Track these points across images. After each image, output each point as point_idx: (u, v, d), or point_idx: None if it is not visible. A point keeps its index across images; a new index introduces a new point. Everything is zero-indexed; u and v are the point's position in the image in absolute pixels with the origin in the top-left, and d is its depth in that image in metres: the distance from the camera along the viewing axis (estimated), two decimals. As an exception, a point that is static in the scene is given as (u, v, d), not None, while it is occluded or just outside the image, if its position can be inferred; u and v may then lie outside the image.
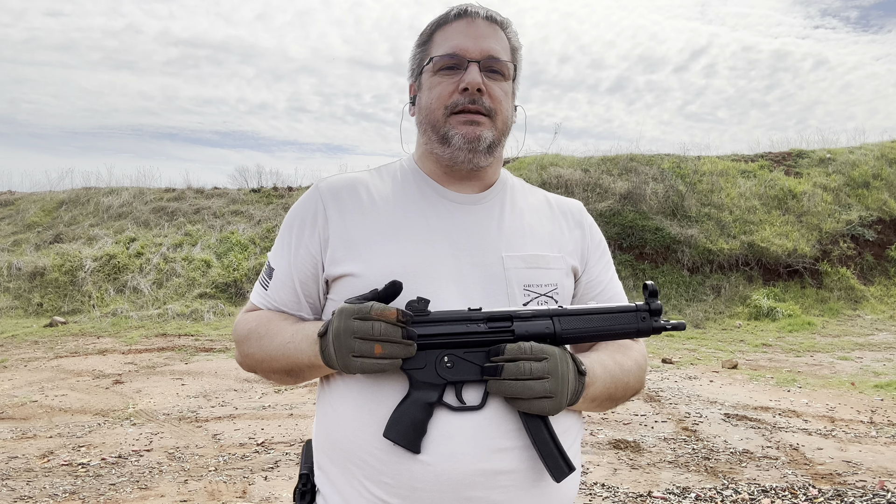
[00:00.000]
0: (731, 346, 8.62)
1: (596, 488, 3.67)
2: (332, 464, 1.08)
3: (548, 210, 1.23)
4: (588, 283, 1.22)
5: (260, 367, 1.16)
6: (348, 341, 0.96)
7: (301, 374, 1.11)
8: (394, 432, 0.99)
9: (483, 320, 1.02)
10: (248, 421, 5.01)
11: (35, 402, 5.51)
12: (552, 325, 1.04)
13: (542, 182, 12.77)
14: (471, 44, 1.11)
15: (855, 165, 13.62)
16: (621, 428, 4.82)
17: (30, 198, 14.96)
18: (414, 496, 0.99)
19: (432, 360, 1.01)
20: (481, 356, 1.02)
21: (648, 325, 1.07)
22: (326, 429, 1.10)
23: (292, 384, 1.18)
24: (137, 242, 12.39)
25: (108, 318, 10.08)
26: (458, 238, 1.11)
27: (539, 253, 1.14)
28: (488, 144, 1.12)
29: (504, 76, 1.14)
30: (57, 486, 3.70)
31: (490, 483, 1.00)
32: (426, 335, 1.00)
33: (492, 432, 1.01)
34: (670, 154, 14.15)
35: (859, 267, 11.83)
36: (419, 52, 1.19)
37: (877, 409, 5.34)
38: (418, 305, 1.01)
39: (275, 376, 1.15)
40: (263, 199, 14.48)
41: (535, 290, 1.11)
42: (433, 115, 1.13)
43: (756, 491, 3.62)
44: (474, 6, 1.15)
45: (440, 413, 1.01)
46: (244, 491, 3.65)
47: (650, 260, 11.70)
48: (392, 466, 1.00)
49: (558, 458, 1.01)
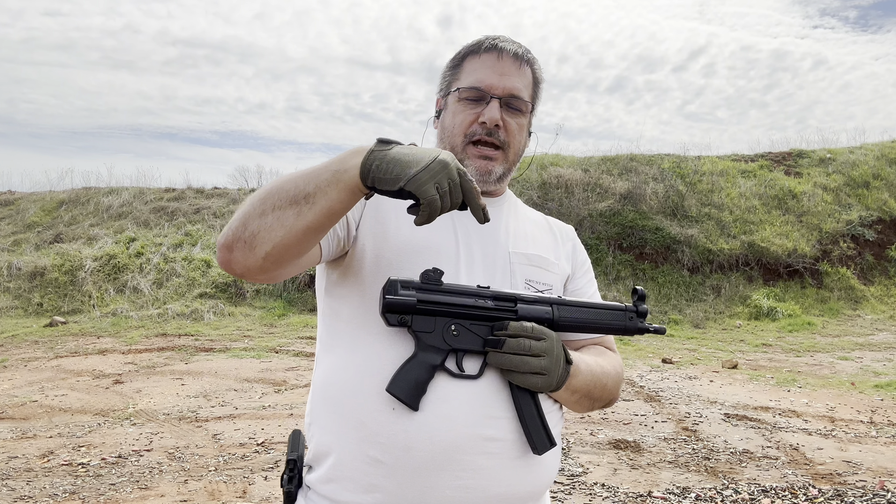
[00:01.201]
0: (731, 346, 8.62)
1: (596, 488, 3.67)
2: (325, 430, 1.11)
3: (546, 226, 1.35)
4: (573, 291, 1.31)
5: (255, 207, 0.98)
6: (443, 178, 0.93)
7: (313, 197, 0.96)
8: (396, 387, 1.04)
9: (490, 297, 1.10)
10: (248, 421, 5.01)
11: (35, 402, 5.51)
12: (552, 311, 1.12)
13: (543, 182, 12.77)
14: (496, 80, 1.20)
15: (855, 165, 13.62)
16: (621, 428, 4.82)
17: (30, 197, 14.96)
18: (407, 455, 1.04)
19: (440, 327, 1.07)
20: (485, 329, 1.09)
21: (635, 325, 1.16)
22: (323, 396, 1.13)
23: (278, 237, 0.97)
24: (137, 242, 12.39)
25: (108, 318, 10.08)
26: (472, 229, 1.20)
27: (542, 255, 1.25)
28: (498, 177, 1.23)
29: (522, 112, 1.24)
30: (57, 485, 3.70)
31: (479, 448, 1.06)
32: (438, 302, 1.07)
33: (485, 400, 1.08)
34: (670, 154, 14.14)
35: (859, 267, 11.82)
36: (449, 74, 1.28)
37: (877, 409, 5.34)
38: (433, 275, 1.07)
39: (270, 217, 0.97)
40: (263, 198, 14.46)
41: (535, 285, 1.20)
42: (453, 139, 1.23)
43: (756, 491, 3.62)
44: (504, 42, 1.24)
45: (440, 377, 1.07)
46: (244, 491, 3.65)
47: (650, 260, 11.70)
48: (388, 427, 1.05)
49: (542, 431, 1.08)
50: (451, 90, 1.25)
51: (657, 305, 10.73)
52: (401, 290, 1.05)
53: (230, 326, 9.67)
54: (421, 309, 1.06)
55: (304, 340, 8.52)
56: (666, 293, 11.07)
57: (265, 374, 6.65)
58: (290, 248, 0.99)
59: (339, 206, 0.98)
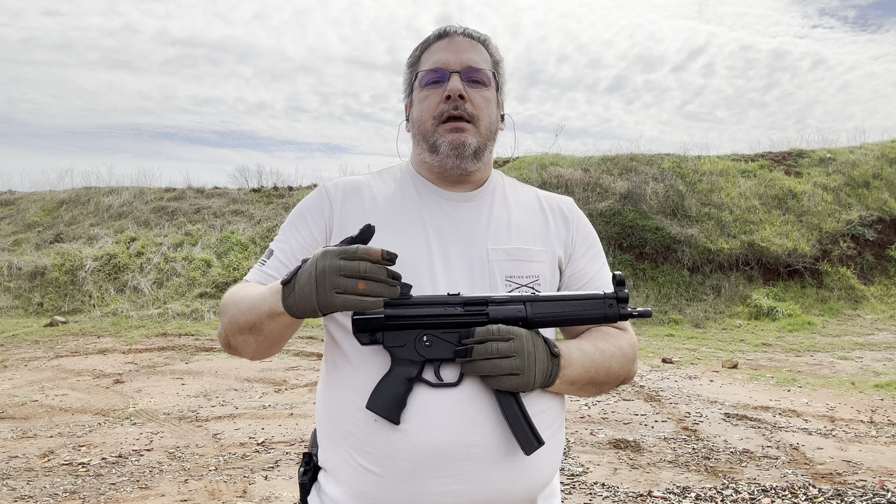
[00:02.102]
0: (731, 345, 8.62)
1: (596, 488, 3.67)
2: (327, 438, 1.18)
3: (536, 206, 1.31)
4: (573, 275, 1.28)
5: (230, 328, 1.15)
6: (333, 278, 0.98)
7: (260, 327, 1.10)
8: (375, 404, 1.07)
9: (460, 304, 1.10)
10: (249, 420, 5.01)
11: (35, 402, 5.51)
12: (524, 309, 1.11)
13: (543, 182, 12.77)
14: (451, 57, 1.22)
15: (855, 165, 13.62)
16: (621, 428, 4.83)
17: (30, 197, 14.96)
18: (392, 464, 1.08)
19: (412, 340, 1.09)
20: (457, 336, 1.10)
21: (615, 312, 1.13)
22: (322, 406, 1.21)
23: (253, 349, 1.15)
24: (138, 242, 12.39)
25: (108, 318, 10.08)
26: (449, 231, 1.20)
27: (522, 246, 1.22)
28: (474, 150, 1.21)
29: (485, 84, 1.23)
30: (57, 485, 3.70)
31: (462, 454, 1.07)
32: (408, 316, 1.08)
33: (466, 407, 1.09)
34: (670, 154, 14.14)
35: (859, 267, 11.82)
36: (409, 74, 1.30)
37: (877, 408, 5.34)
38: (401, 290, 1.07)
39: (240, 338, 1.14)
40: (264, 198, 14.48)
41: (516, 280, 1.19)
42: (423, 125, 1.23)
43: (756, 490, 3.62)
44: (454, 26, 1.26)
45: (419, 389, 1.09)
46: (244, 490, 3.65)
47: (650, 259, 11.70)
48: (374, 437, 1.09)
49: (528, 431, 1.08)
50: (413, 83, 1.28)
51: (657, 305, 10.73)
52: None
53: (230, 326, 9.67)
54: (390, 325, 1.08)
55: (304, 340, 8.52)
56: (666, 293, 11.07)
57: (265, 373, 6.66)
58: (266, 352, 1.16)
59: (289, 331, 1.12)
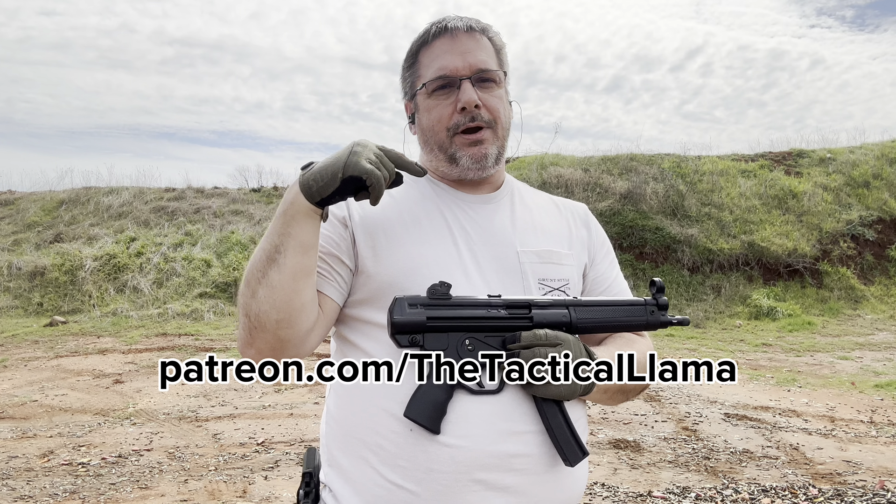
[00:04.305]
0: (731, 345, 8.62)
1: (596, 488, 3.67)
2: (344, 454, 1.07)
3: (554, 209, 1.28)
4: (595, 279, 1.25)
5: (248, 287, 1.02)
6: (369, 152, 0.98)
7: (280, 247, 0.99)
8: (415, 411, 1.00)
9: (502, 306, 1.05)
10: (249, 420, 5.01)
11: (35, 402, 5.51)
12: (568, 314, 1.07)
13: (543, 182, 12.77)
14: (458, 61, 1.13)
15: (855, 165, 13.62)
16: (621, 427, 4.82)
17: (30, 197, 14.96)
18: (429, 478, 1.00)
19: (454, 343, 1.03)
20: (500, 341, 1.04)
21: (657, 319, 1.11)
22: (339, 419, 1.10)
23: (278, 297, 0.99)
24: (137, 242, 12.39)
25: (108, 318, 10.08)
26: (475, 233, 1.14)
27: (552, 249, 1.18)
28: (495, 158, 1.17)
29: (497, 83, 1.17)
30: (57, 485, 3.70)
31: (504, 465, 1.01)
32: (448, 317, 1.02)
33: (508, 416, 1.03)
34: (670, 154, 14.14)
35: (859, 267, 11.82)
36: (409, 75, 1.21)
37: (877, 408, 5.34)
38: (441, 289, 1.03)
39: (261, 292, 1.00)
40: (264, 198, 14.47)
41: (549, 283, 1.14)
42: (437, 136, 1.16)
43: (756, 490, 3.62)
44: (452, 20, 1.17)
45: (459, 396, 1.02)
46: (244, 490, 3.65)
47: (650, 259, 11.70)
48: (408, 449, 1.01)
49: (572, 442, 1.03)
50: (417, 89, 1.18)
51: (657, 305, 10.74)
52: (408, 309, 1.01)
53: (230, 326, 9.67)
54: (431, 326, 1.01)
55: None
56: (666, 293, 11.05)
57: (265, 373, 6.65)
58: (291, 300, 1.00)
59: (306, 237, 1.00)
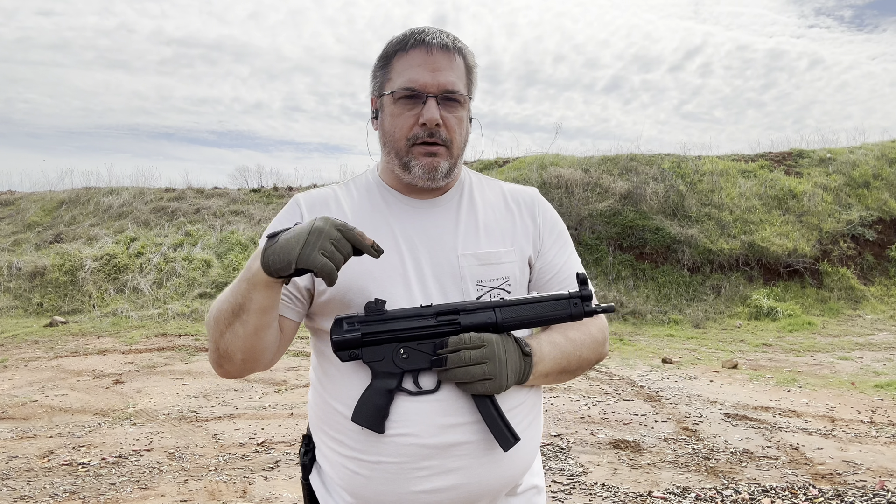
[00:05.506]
0: (731, 345, 8.62)
1: (596, 488, 3.67)
2: (319, 438, 1.28)
3: (502, 204, 1.33)
4: (541, 269, 1.31)
5: (216, 327, 1.16)
6: (325, 242, 1.04)
7: (244, 304, 1.11)
8: (359, 416, 1.15)
9: (433, 315, 1.15)
10: (249, 421, 5.01)
11: (35, 402, 5.51)
12: (494, 315, 1.17)
13: (543, 182, 12.76)
14: (429, 78, 1.19)
15: (855, 165, 13.61)
16: (621, 428, 4.83)
17: (30, 197, 14.96)
18: (380, 467, 1.16)
19: (390, 353, 1.15)
20: (432, 347, 1.16)
21: (580, 310, 1.19)
22: (314, 410, 1.30)
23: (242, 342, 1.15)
24: (138, 242, 12.39)
25: (108, 318, 10.08)
26: (419, 241, 1.24)
27: (491, 250, 1.26)
28: (445, 172, 1.24)
29: (461, 104, 1.23)
30: (57, 485, 3.70)
31: (444, 454, 1.15)
32: (382, 331, 1.14)
33: (445, 411, 1.16)
34: (670, 154, 14.13)
35: (859, 267, 11.82)
36: (380, 74, 1.26)
37: (877, 408, 5.34)
38: (375, 306, 1.14)
39: (228, 335, 1.15)
40: (264, 198, 14.47)
41: (487, 284, 1.23)
42: (396, 144, 1.23)
43: (756, 491, 3.62)
44: (431, 35, 1.21)
45: (400, 398, 1.16)
46: (244, 491, 3.65)
47: (650, 260, 11.70)
48: (361, 444, 1.17)
49: (504, 430, 1.15)
50: (385, 92, 1.23)
51: (657, 305, 10.72)
52: (346, 328, 1.14)
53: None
54: (367, 341, 1.14)
55: (303, 340, 8.52)
56: (666, 293, 11.06)
57: (265, 373, 6.66)
58: (255, 346, 1.15)
59: (267, 303, 1.12)
